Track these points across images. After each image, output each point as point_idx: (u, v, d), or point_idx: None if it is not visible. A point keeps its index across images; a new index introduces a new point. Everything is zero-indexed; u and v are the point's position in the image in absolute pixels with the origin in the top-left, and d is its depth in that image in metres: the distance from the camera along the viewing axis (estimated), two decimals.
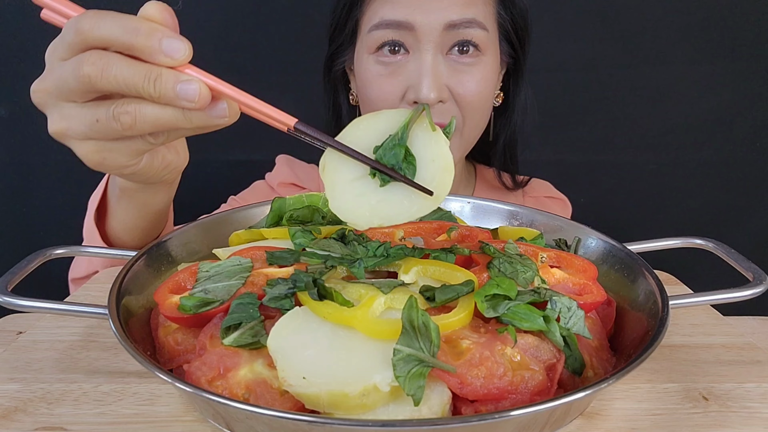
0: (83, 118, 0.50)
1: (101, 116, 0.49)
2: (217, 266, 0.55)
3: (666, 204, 1.47)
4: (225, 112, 0.50)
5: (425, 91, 0.86)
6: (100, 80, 0.47)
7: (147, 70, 0.47)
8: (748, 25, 1.34)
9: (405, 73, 0.90)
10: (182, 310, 0.50)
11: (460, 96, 0.91)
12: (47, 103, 0.52)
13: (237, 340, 0.46)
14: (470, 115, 0.93)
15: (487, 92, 0.95)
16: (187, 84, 0.47)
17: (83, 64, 0.47)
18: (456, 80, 0.90)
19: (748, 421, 0.49)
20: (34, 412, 0.48)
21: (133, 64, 0.47)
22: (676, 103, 1.40)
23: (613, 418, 0.49)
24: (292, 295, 0.49)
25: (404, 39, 0.90)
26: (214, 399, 0.39)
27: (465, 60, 0.91)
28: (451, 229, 0.66)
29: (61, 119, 0.52)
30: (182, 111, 0.49)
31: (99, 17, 0.47)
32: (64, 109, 0.51)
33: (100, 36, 0.47)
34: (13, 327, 0.65)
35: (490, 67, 0.94)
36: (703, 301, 0.54)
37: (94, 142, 0.52)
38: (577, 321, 0.49)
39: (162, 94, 0.47)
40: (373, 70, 0.93)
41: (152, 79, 0.47)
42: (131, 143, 0.53)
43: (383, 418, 0.41)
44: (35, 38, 1.29)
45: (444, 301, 0.48)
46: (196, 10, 1.30)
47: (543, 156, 1.41)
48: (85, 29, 0.47)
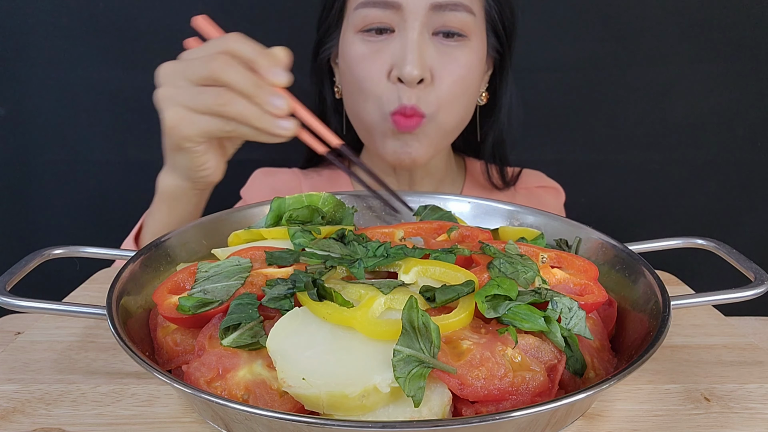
0: (192, 90, 0.67)
1: (209, 91, 0.66)
2: (216, 266, 0.55)
3: (666, 204, 1.47)
4: (291, 125, 0.68)
5: (409, 67, 0.86)
6: (221, 74, 0.65)
7: (256, 80, 0.66)
8: (748, 25, 1.34)
9: (390, 50, 0.90)
10: (181, 311, 0.50)
11: (441, 78, 0.90)
12: (168, 75, 0.69)
13: (236, 341, 0.46)
14: (448, 101, 0.92)
15: (470, 79, 0.94)
16: (279, 98, 0.67)
17: (215, 60, 0.65)
18: (440, 62, 0.90)
19: (749, 422, 0.49)
20: (32, 412, 0.48)
21: (249, 74, 0.66)
22: (676, 103, 1.40)
23: (614, 419, 0.49)
24: (292, 295, 0.49)
25: (390, 19, 0.90)
26: (213, 400, 0.38)
27: (450, 43, 0.91)
28: (451, 229, 0.66)
29: (175, 88, 0.68)
30: (262, 113, 0.66)
31: (229, 65, 0.66)
32: (179, 82, 0.68)
33: (237, 49, 0.67)
34: (12, 327, 0.65)
35: (475, 53, 0.93)
36: (704, 302, 0.54)
37: (186, 110, 0.68)
38: (578, 322, 0.48)
39: (257, 96, 0.66)
40: (358, 49, 0.93)
41: (258, 85, 0.66)
42: (209, 121, 0.68)
43: (383, 419, 0.41)
44: (35, 38, 1.29)
45: (444, 302, 0.48)
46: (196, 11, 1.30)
47: (543, 156, 1.41)
48: (217, 72, 0.65)
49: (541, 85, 1.38)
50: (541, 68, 1.37)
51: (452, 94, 0.92)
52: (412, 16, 0.88)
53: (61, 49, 1.30)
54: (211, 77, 0.66)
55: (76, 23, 1.28)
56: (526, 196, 1.14)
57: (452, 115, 0.95)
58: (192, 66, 0.67)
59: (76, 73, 1.31)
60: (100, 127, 1.35)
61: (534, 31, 1.35)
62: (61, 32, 1.29)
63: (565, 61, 1.37)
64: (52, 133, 1.35)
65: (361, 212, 0.75)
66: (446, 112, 0.93)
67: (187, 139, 0.70)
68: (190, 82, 0.67)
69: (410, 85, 0.88)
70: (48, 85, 1.31)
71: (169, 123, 0.69)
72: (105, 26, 1.29)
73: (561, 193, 1.18)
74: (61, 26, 1.28)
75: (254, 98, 0.66)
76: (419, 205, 0.74)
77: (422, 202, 0.75)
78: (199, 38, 0.74)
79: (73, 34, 1.29)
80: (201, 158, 0.73)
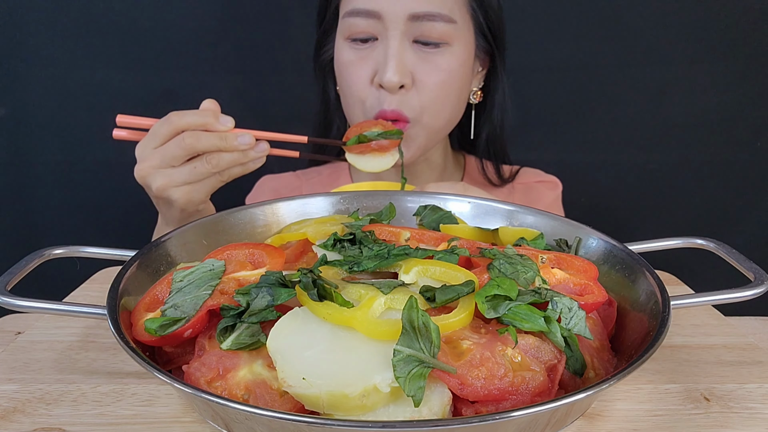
0: (183, 171, 0.81)
1: (197, 164, 0.81)
2: (189, 273, 0.53)
3: (666, 204, 1.47)
4: (265, 146, 0.84)
5: (389, 74, 0.91)
6: (197, 144, 0.79)
7: (219, 134, 0.81)
8: (748, 25, 1.34)
9: (374, 57, 0.95)
10: (149, 333, 0.47)
11: (422, 83, 0.94)
12: (150, 174, 0.81)
13: (235, 342, 0.46)
14: (431, 105, 0.95)
15: (452, 83, 0.96)
16: (242, 137, 0.82)
17: (184, 138, 0.79)
18: (420, 68, 0.94)
19: (749, 421, 0.49)
20: (32, 412, 0.48)
21: (211, 134, 0.80)
22: (676, 103, 1.40)
23: (614, 419, 0.49)
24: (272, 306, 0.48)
25: (374, 28, 0.94)
26: (213, 400, 0.38)
27: (430, 50, 0.94)
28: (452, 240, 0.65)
29: (164, 178, 0.81)
30: (241, 153, 0.82)
31: (181, 114, 0.80)
32: (165, 172, 0.81)
33: (186, 123, 0.80)
34: (12, 327, 0.65)
35: (457, 58, 0.95)
36: (704, 302, 0.54)
37: (189, 185, 0.82)
38: (578, 321, 0.48)
39: (230, 145, 0.81)
40: (346, 56, 0.98)
41: (223, 138, 0.81)
42: (210, 181, 0.82)
43: (383, 419, 0.41)
44: (34, 38, 1.29)
45: (444, 302, 0.48)
46: (196, 11, 1.30)
47: (543, 156, 1.41)
48: (174, 121, 0.80)
49: (541, 85, 1.39)
50: (541, 68, 1.37)
51: (435, 98, 0.96)
52: (392, 25, 0.92)
53: (61, 49, 1.30)
54: (192, 152, 0.80)
55: (76, 23, 1.28)
56: (523, 191, 1.15)
57: (437, 118, 0.98)
58: (171, 154, 0.80)
59: (76, 73, 1.31)
60: (100, 127, 1.35)
61: (534, 31, 1.35)
62: (61, 32, 1.29)
63: (565, 61, 1.37)
64: (52, 133, 1.35)
65: (361, 212, 0.75)
66: (430, 116, 0.97)
67: (198, 202, 0.85)
68: (173, 168, 0.81)
69: (391, 91, 0.93)
70: (48, 85, 1.32)
71: (181, 200, 0.82)
72: (105, 26, 1.29)
73: (558, 185, 1.19)
74: (61, 26, 1.28)
75: (228, 148, 0.81)
76: (419, 205, 0.74)
77: (422, 202, 0.75)
78: None
79: (73, 34, 1.29)
80: (206, 207, 0.88)
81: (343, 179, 1.15)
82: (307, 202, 0.74)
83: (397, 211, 0.74)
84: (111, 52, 1.31)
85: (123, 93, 1.33)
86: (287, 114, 1.36)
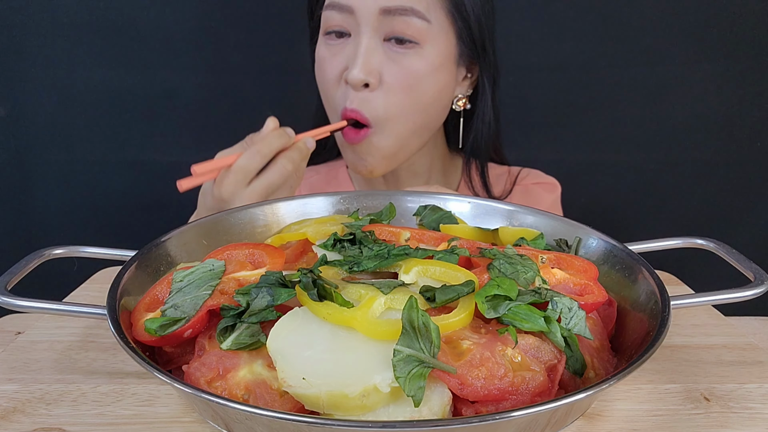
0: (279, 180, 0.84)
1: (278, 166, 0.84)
2: (189, 273, 0.53)
3: (666, 204, 1.47)
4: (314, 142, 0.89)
5: (354, 71, 0.90)
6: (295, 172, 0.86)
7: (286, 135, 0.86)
8: (748, 25, 1.34)
9: (345, 53, 0.94)
10: (149, 333, 0.47)
11: (388, 84, 0.92)
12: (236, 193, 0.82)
13: (235, 343, 0.46)
14: (396, 108, 0.93)
15: (420, 86, 0.94)
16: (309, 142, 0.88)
17: (284, 166, 0.84)
18: (388, 68, 0.92)
19: (749, 421, 0.49)
20: (32, 412, 0.48)
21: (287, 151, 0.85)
22: (676, 103, 1.39)
23: (614, 419, 0.49)
24: (272, 307, 0.48)
25: (347, 23, 0.93)
26: (213, 400, 0.38)
27: (400, 50, 0.92)
28: (452, 240, 0.65)
29: (253, 195, 0.82)
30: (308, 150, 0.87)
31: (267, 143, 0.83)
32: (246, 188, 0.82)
33: (274, 150, 0.83)
34: (12, 327, 0.65)
35: (427, 61, 0.93)
36: (704, 302, 0.54)
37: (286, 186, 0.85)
38: (578, 322, 0.48)
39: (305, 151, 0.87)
40: (321, 52, 0.98)
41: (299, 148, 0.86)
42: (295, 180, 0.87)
43: (383, 419, 0.41)
44: (35, 38, 1.29)
45: (444, 302, 0.48)
46: (196, 11, 1.30)
47: (543, 156, 1.41)
48: (266, 153, 0.82)
49: (541, 85, 1.38)
50: (541, 68, 1.37)
51: (400, 102, 0.93)
52: (363, 20, 0.91)
53: (61, 49, 1.30)
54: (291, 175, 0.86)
55: (76, 23, 1.28)
56: (521, 193, 1.14)
57: (403, 124, 0.95)
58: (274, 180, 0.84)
59: (76, 73, 1.31)
60: (100, 127, 1.35)
61: (534, 31, 1.35)
62: (61, 32, 1.29)
63: (565, 61, 1.37)
64: (52, 133, 1.35)
65: (361, 212, 0.76)
66: (395, 120, 0.94)
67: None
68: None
69: (355, 88, 0.92)
70: (48, 85, 1.32)
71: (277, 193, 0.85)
72: (105, 26, 1.29)
73: (556, 187, 1.17)
74: (61, 26, 1.28)
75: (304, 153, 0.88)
76: (419, 205, 0.74)
77: (422, 202, 0.75)
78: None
79: (73, 34, 1.29)
80: None
81: (342, 177, 1.15)
82: (307, 202, 0.74)
83: (397, 211, 0.74)
84: (111, 52, 1.31)
85: (123, 93, 1.33)
86: (287, 114, 1.35)
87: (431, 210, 0.73)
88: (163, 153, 1.36)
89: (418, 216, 0.73)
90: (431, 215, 0.72)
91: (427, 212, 0.73)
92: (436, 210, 0.73)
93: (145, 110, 1.35)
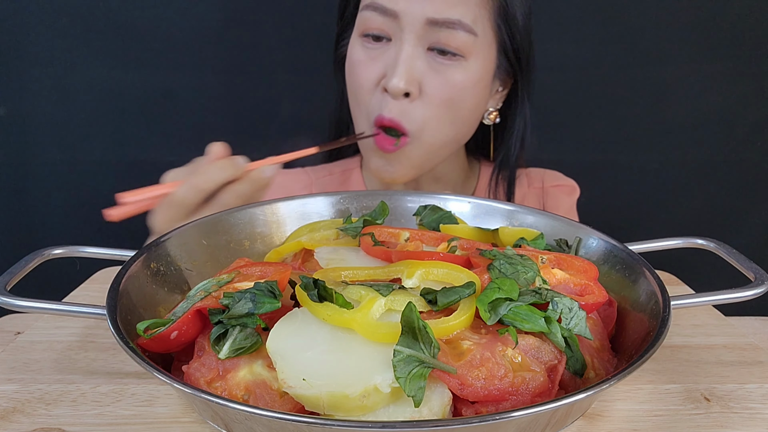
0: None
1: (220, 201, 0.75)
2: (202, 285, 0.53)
3: (666, 204, 1.47)
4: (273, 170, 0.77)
5: (395, 79, 0.86)
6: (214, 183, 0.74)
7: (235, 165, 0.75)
8: (748, 25, 1.34)
9: (384, 59, 0.90)
10: (139, 334, 0.47)
11: (429, 96, 0.89)
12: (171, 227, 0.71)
13: (232, 350, 0.45)
14: (434, 120, 0.90)
15: (461, 100, 0.91)
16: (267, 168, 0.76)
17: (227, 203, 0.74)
18: (430, 78, 0.88)
19: (749, 422, 0.49)
20: (32, 412, 0.48)
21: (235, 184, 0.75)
22: (676, 103, 1.40)
23: (614, 419, 0.49)
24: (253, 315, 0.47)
25: (389, 27, 0.89)
26: (213, 400, 0.38)
27: (444, 61, 0.89)
28: (452, 240, 0.65)
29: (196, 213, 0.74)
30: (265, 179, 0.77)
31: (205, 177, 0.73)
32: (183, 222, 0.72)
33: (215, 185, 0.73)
34: (11, 327, 0.64)
35: (472, 74, 0.90)
36: (704, 302, 0.54)
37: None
38: (578, 322, 0.48)
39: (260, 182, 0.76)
40: (357, 54, 0.93)
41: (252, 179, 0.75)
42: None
43: (383, 419, 0.41)
44: (35, 38, 1.29)
45: (446, 305, 0.48)
46: (196, 11, 1.30)
47: (543, 156, 1.41)
48: (202, 187, 0.72)
49: (541, 85, 1.38)
50: (542, 68, 1.37)
51: (439, 114, 0.90)
52: (408, 27, 0.87)
53: (61, 49, 1.30)
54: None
55: (76, 23, 1.28)
56: (537, 195, 1.12)
57: (437, 136, 0.93)
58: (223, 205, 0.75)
59: (76, 73, 1.31)
60: (100, 127, 1.35)
61: (534, 31, 1.35)
62: (61, 32, 1.29)
63: (566, 61, 1.37)
64: (52, 133, 1.35)
65: (359, 212, 0.75)
66: (431, 133, 0.92)
67: None
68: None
69: (395, 97, 0.88)
70: (48, 85, 1.32)
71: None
72: (105, 26, 1.29)
73: (575, 190, 1.15)
74: (61, 26, 1.28)
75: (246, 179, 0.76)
76: (419, 205, 0.74)
77: (422, 202, 0.75)
78: None
79: (73, 34, 1.29)
80: None
81: (355, 178, 1.12)
82: (307, 202, 0.74)
83: (397, 211, 0.74)
84: (111, 52, 1.31)
85: (123, 93, 1.33)
86: (287, 114, 1.36)
87: (431, 210, 0.73)
88: (163, 153, 1.36)
89: (418, 216, 0.73)
90: (431, 215, 0.72)
91: (427, 212, 0.73)
92: (436, 210, 0.73)
93: (145, 110, 1.35)
